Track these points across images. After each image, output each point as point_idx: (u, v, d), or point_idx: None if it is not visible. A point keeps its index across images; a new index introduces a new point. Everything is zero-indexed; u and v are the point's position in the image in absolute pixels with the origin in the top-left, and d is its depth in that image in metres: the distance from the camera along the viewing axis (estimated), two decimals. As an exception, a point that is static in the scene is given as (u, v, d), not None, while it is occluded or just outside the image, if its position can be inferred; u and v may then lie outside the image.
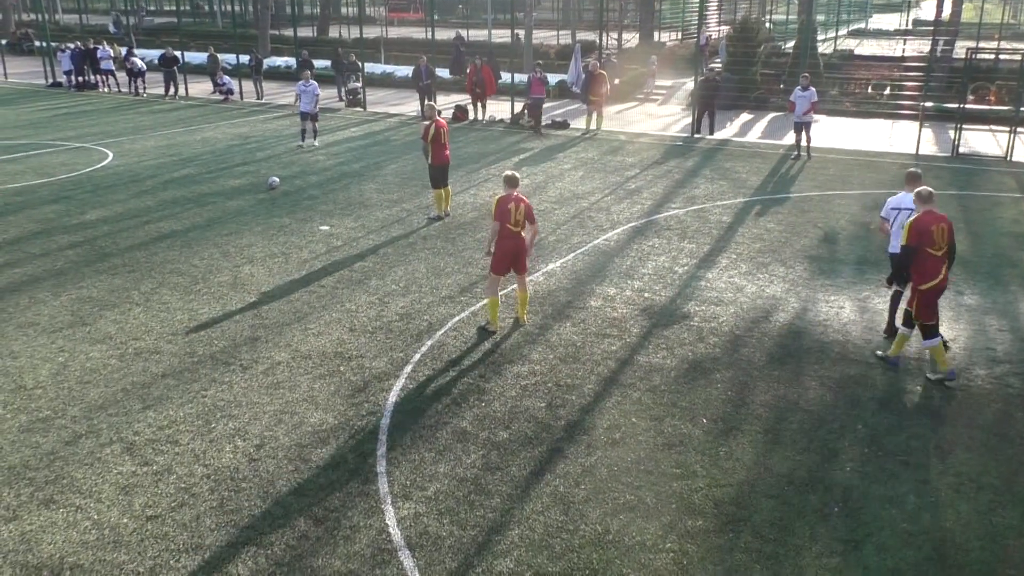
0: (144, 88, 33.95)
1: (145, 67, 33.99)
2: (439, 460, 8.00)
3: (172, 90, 32.89)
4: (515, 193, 10.61)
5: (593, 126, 25.31)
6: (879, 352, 10.15)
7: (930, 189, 9.37)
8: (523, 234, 10.67)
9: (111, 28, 51.81)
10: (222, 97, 32.53)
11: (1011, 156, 21.15)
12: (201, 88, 34.49)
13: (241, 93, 32.74)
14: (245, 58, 33.57)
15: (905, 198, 10.27)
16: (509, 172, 10.85)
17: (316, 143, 22.87)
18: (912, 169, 10.62)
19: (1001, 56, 26.50)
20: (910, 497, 7.43)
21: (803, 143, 21.09)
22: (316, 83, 22.79)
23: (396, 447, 8.23)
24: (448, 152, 15.94)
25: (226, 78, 32.89)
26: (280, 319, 11.30)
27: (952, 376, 9.44)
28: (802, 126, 20.95)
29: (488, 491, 7.52)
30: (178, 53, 33.51)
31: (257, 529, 7.00)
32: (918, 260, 9.14)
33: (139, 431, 8.49)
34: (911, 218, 9.31)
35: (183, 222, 15.84)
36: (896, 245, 10.02)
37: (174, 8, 55.72)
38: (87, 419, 8.71)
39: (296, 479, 7.70)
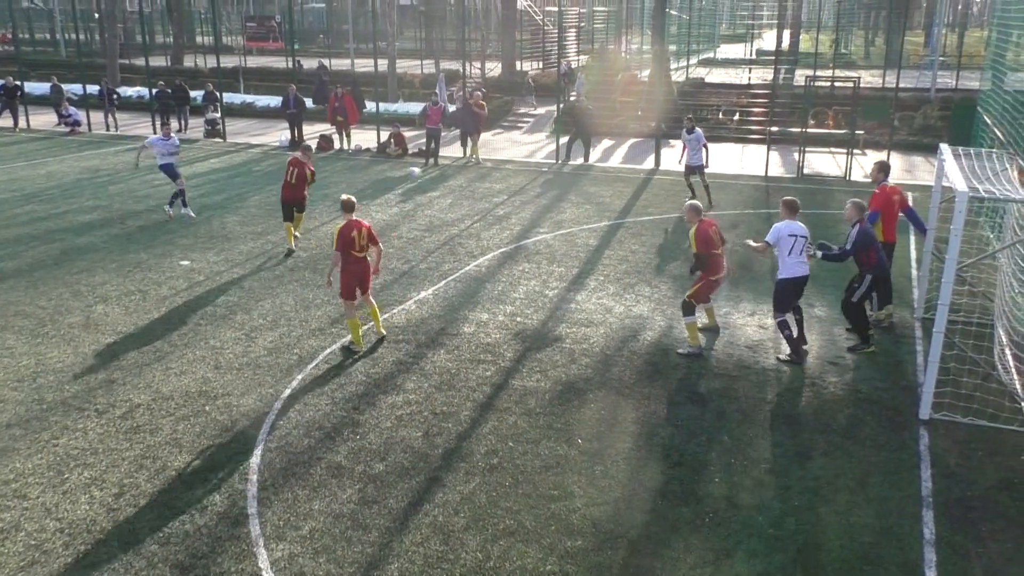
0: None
1: None
2: (313, 497, 7.78)
3: (12, 122, 30.95)
4: (354, 218, 10.84)
5: (470, 154, 25.43)
6: (680, 350, 11.02)
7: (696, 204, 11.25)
8: (368, 258, 10.93)
9: None
10: (68, 129, 30.86)
11: (849, 176, 22.66)
12: (45, 120, 32.62)
13: (89, 124, 31.15)
14: (93, 88, 31.95)
15: (793, 225, 10.56)
16: (345, 197, 11.09)
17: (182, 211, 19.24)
18: (788, 197, 10.90)
19: (836, 84, 28.40)
20: (775, 503, 7.76)
21: (694, 186, 19.25)
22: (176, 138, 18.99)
23: (268, 487, 7.94)
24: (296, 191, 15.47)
25: (72, 109, 31.22)
26: (139, 360, 10.75)
27: (700, 352, 10.92)
28: (692, 170, 19.27)
29: (366, 526, 7.36)
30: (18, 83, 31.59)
31: (118, 584, 6.58)
32: (711, 261, 10.92)
33: (-18, 488, 7.86)
34: (693, 229, 10.94)
35: (27, 261, 14.87)
36: (792, 270, 10.56)
37: (9, 35, 52.52)
38: (-79, 478, 7.99)
39: (160, 527, 7.31)
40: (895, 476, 8.21)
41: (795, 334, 10.86)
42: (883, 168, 12.27)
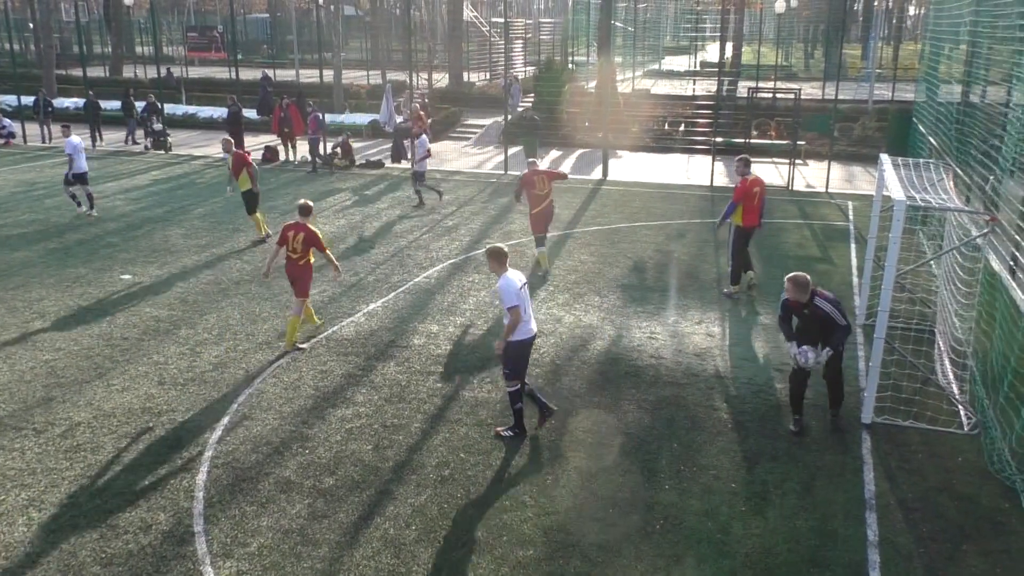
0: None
1: None
2: (262, 513, 7.65)
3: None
4: (299, 221, 11.23)
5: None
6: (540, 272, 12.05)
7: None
8: (300, 262, 11.21)
9: None
10: (3, 141, 30.04)
11: (792, 186, 23.12)
12: (-22, 131, 31.67)
13: (24, 136, 30.36)
14: (28, 99, 31.15)
15: (514, 279, 8.65)
16: (301, 201, 11.58)
17: (94, 212, 19.17)
18: (494, 246, 8.87)
19: (778, 95, 28.96)
20: (723, 508, 7.85)
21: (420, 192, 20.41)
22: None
23: (214, 504, 7.79)
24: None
25: (6, 121, 30.45)
26: (78, 376, 10.48)
27: (547, 274, 14.51)
28: (417, 175, 20.48)
29: (315, 541, 7.26)
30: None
31: (59, 608, 6.40)
32: (530, 198, 14.57)
33: (-88, 512, 7.57)
34: (526, 173, 14.60)
35: (-39, 276, 14.42)
36: (526, 330, 8.72)
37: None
38: None
39: (102, 548, 7.12)
40: (839, 479, 8.37)
41: (528, 399, 9.14)
42: (746, 162, 13.71)
